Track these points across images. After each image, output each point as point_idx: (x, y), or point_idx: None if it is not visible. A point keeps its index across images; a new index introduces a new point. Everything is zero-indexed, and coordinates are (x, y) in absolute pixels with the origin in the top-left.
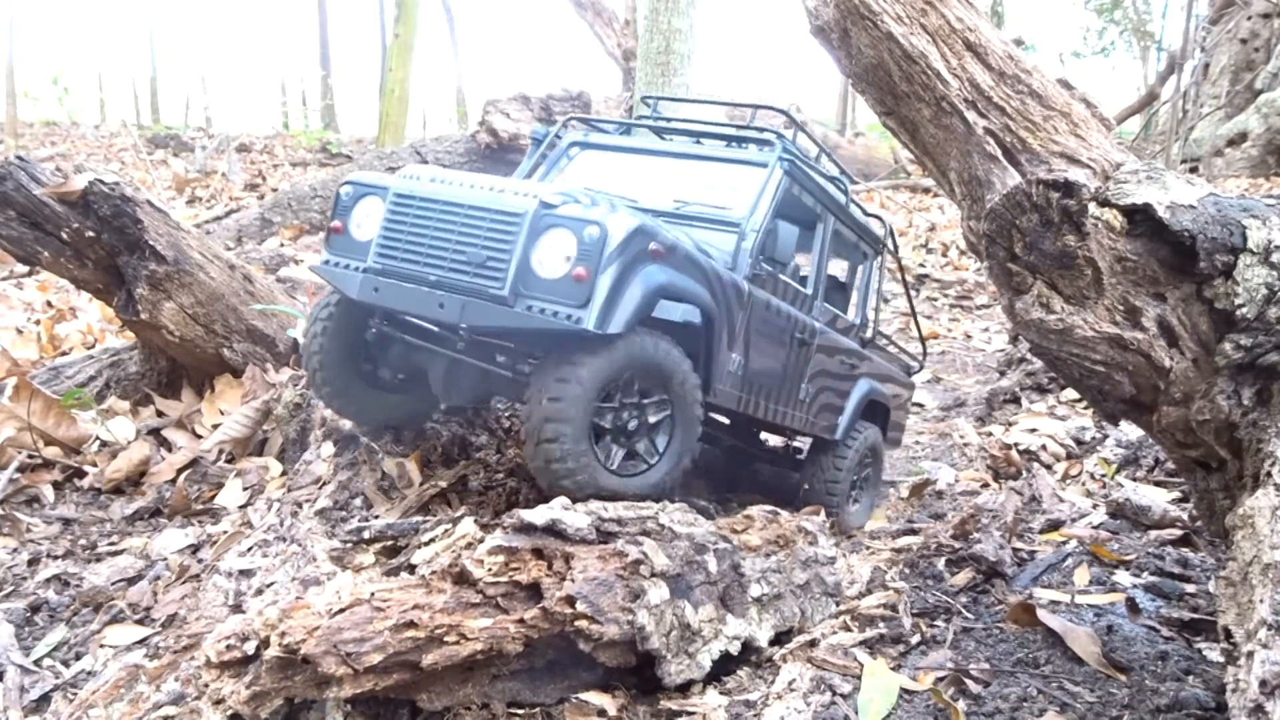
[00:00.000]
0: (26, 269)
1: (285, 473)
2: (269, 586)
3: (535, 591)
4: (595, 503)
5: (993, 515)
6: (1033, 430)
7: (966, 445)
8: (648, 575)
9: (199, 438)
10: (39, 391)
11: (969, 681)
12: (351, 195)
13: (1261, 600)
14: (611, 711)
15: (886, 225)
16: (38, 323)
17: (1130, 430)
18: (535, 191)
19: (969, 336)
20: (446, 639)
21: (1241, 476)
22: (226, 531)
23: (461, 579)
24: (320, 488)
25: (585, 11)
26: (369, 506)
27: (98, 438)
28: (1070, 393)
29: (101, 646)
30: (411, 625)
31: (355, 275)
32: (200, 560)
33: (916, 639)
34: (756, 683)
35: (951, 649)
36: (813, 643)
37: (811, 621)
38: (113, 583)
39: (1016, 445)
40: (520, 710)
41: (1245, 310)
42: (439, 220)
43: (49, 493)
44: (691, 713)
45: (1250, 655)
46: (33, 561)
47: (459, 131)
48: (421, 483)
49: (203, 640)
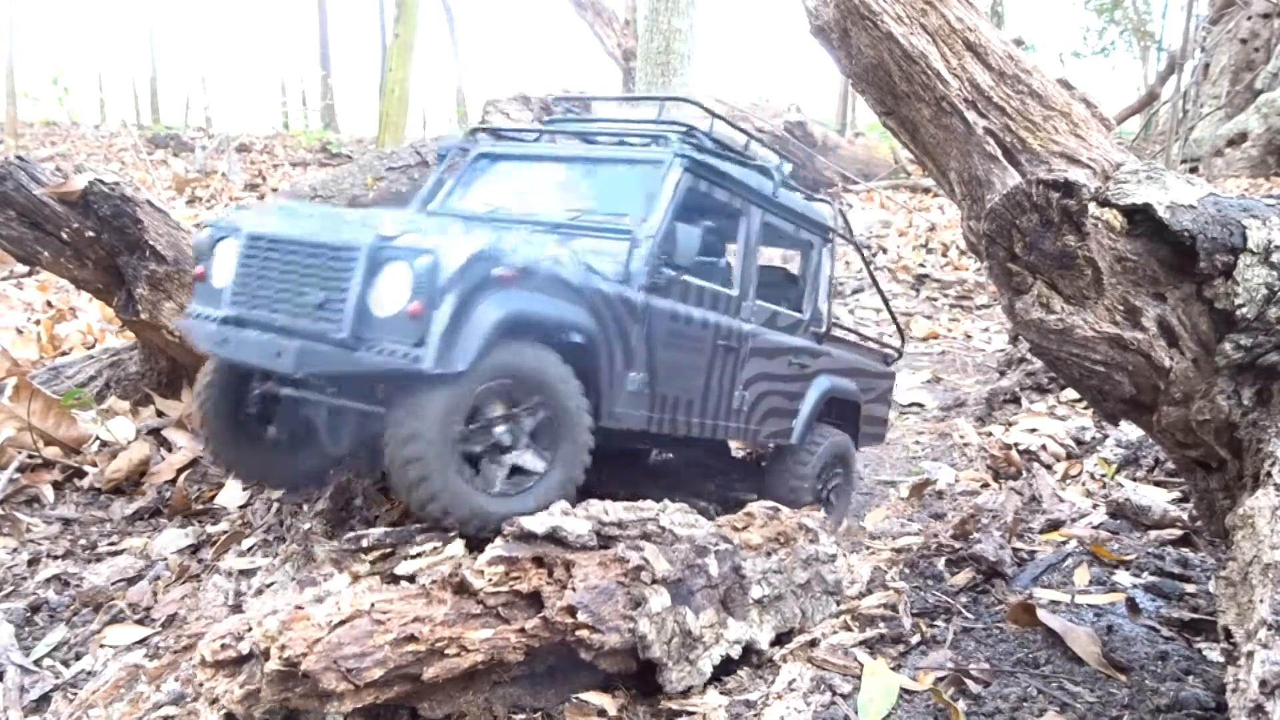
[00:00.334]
0: (26, 269)
1: None
2: (269, 586)
3: (536, 600)
4: (595, 506)
5: (993, 515)
6: (1033, 430)
7: (966, 445)
8: (649, 582)
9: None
10: (39, 391)
11: (969, 681)
12: (210, 239)
13: (1261, 600)
14: (611, 711)
15: (835, 209)
16: (38, 323)
17: (1130, 430)
18: (377, 223)
19: (969, 336)
20: (447, 651)
21: (1241, 476)
22: (226, 531)
23: (462, 589)
24: (320, 488)
25: (585, 11)
26: (369, 507)
27: (98, 438)
28: (1070, 393)
29: (101, 646)
30: (412, 639)
31: (207, 327)
32: (200, 560)
33: (916, 639)
34: (756, 683)
35: (951, 649)
36: (813, 643)
37: (812, 621)
38: (113, 583)
39: (1016, 445)
40: (521, 713)
41: (1245, 310)
42: (284, 260)
43: (49, 493)
44: (691, 713)
45: (1250, 655)
46: (33, 561)
47: (459, 131)
48: None
49: (200, 659)
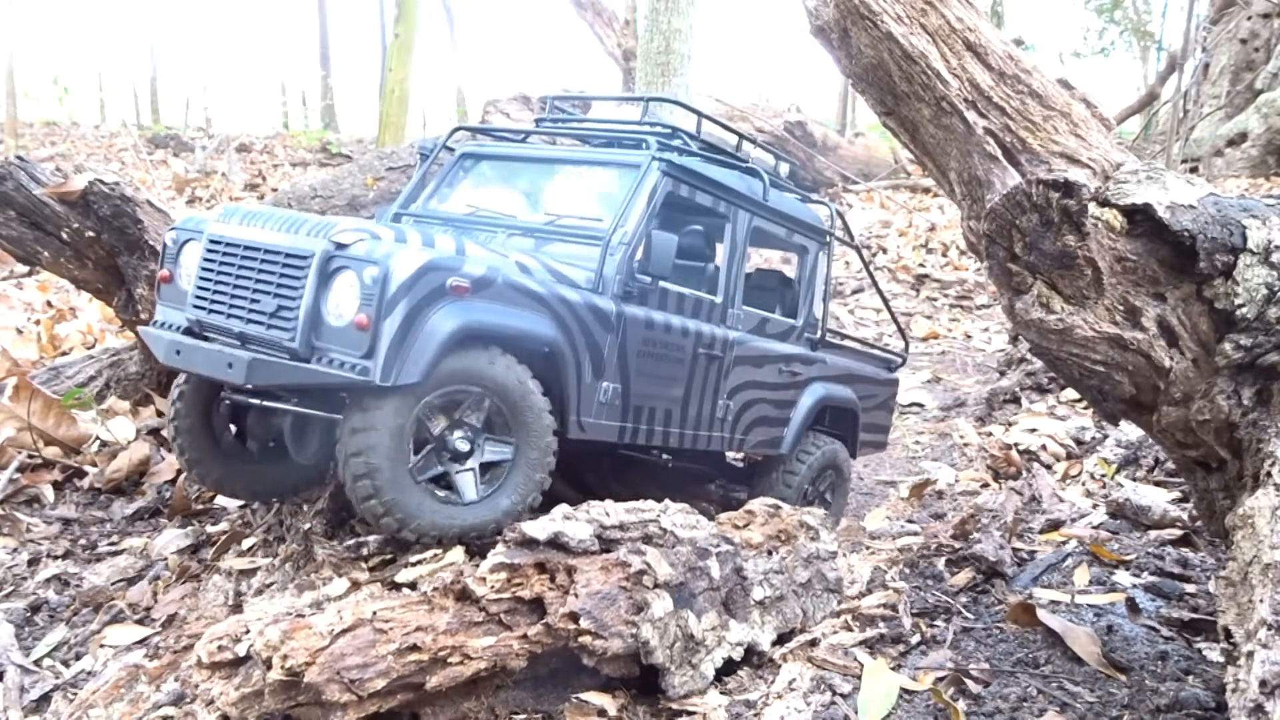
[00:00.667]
0: (26, 269)
1: None
2: (269, 587)
3: (538, 606)
4: (597, 508)
5: (993, 515)
6: (1033, 430)
7: (966, 445)
8: (651, 586)
9: None
10: (39, 391)
11: (969, 681)
12: (176, 241)
13: (1261, 600)
14: (611, 711)
15: (832, 211)
16: (38, 323)
17: (1130, 430)
18: (334, 229)
19: (969, 336)
20: (450, 660)
21: (1241, 476)
22: (226, 531)
23: (464, 596)
24: (320, 488)
25: (585, 11)
26: None
27: (98, 438)
28: (1070, 393)
29: (101, 646)
30: (415, 649)
31: (163, 336)
32: (200, 560)
33: (916, 639)
34: (756, 683)
35: (951, 649)
36: (813, 642)
37: (813, 620)
38: (113, 583)
39: (1016, 445)
40: (521, 714)
41: (1245, 310)
42: (240, 265)
43: (49, 493)
44: (692, 713)
45: (1250, 655)
46: (33, 561)
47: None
48: None
49: (197, 660)
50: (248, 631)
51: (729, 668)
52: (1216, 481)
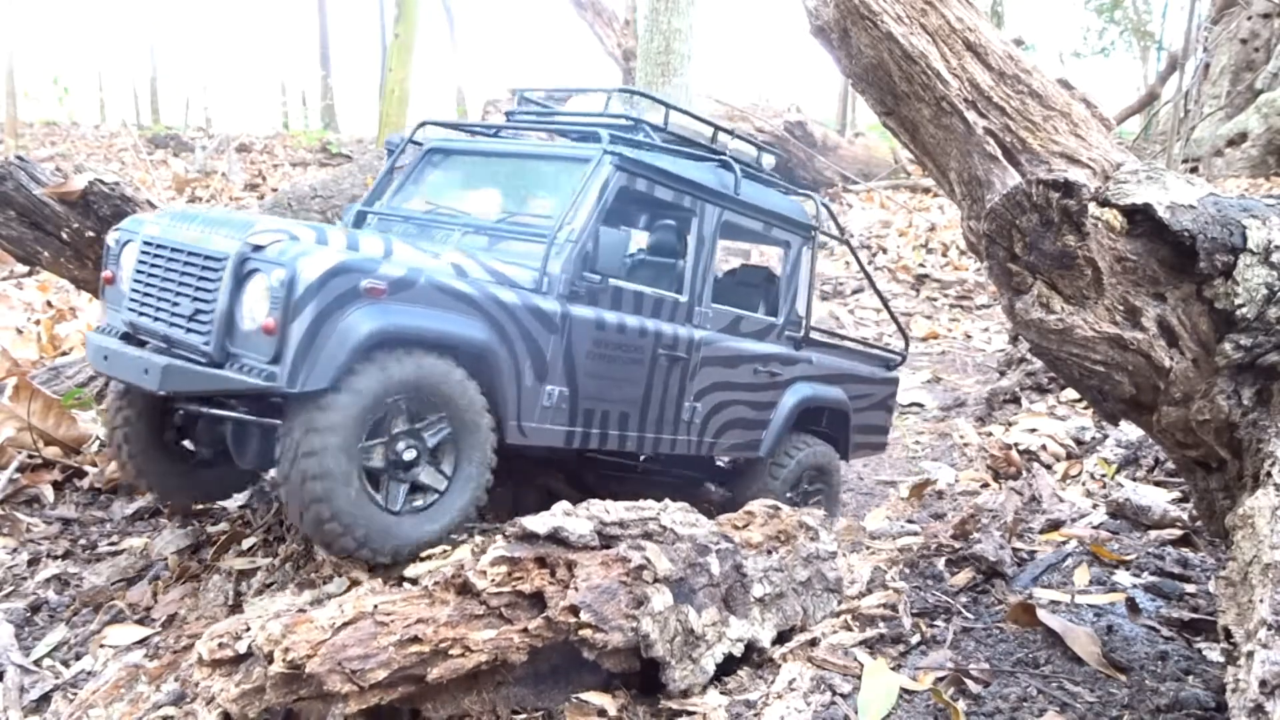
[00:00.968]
0: (26, 269)
1: None
2: (269, 586)
3: (539, 600)
4: (596, 506)
5: (993, 515)
6: (1033, 430)
7: (966, 445)
8: (651, 581)
9: None
10: (39, 391)
11: (969, 681)
12: (118, 242)
13: (1261, 600)
14: (612, 711)
15: (819, 204)
16: (38, 323)
17: (1130, 430)
18: (252, 230)
19: (969, 336)
20: (451, 652)
21: (1241, 476)
22: (226, 531)
23: (465, 590)
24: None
25: (585, 11)
26: None
27: (97, 438)
28: (1070, 393)
29: (101, 646)
30: (415, 640)
31: (96, 341)
32: (200, 560)
33: (916, 639)
34: (757, 683)
35: (951, 649)
36: (813, 642)
37: (813, 619)
38: (113, 583)
39: (1016, 445)
40: (522, 713)
41: (1245, 310)
42: (167, 267)
43: (49, 493)
44: (692, 712)
45: (1250, 655)
46: (33, 561)
47: None
48: None
49: (197, 658)
50: (248, 629)
51: (729, 667)
52: (1216, 481)
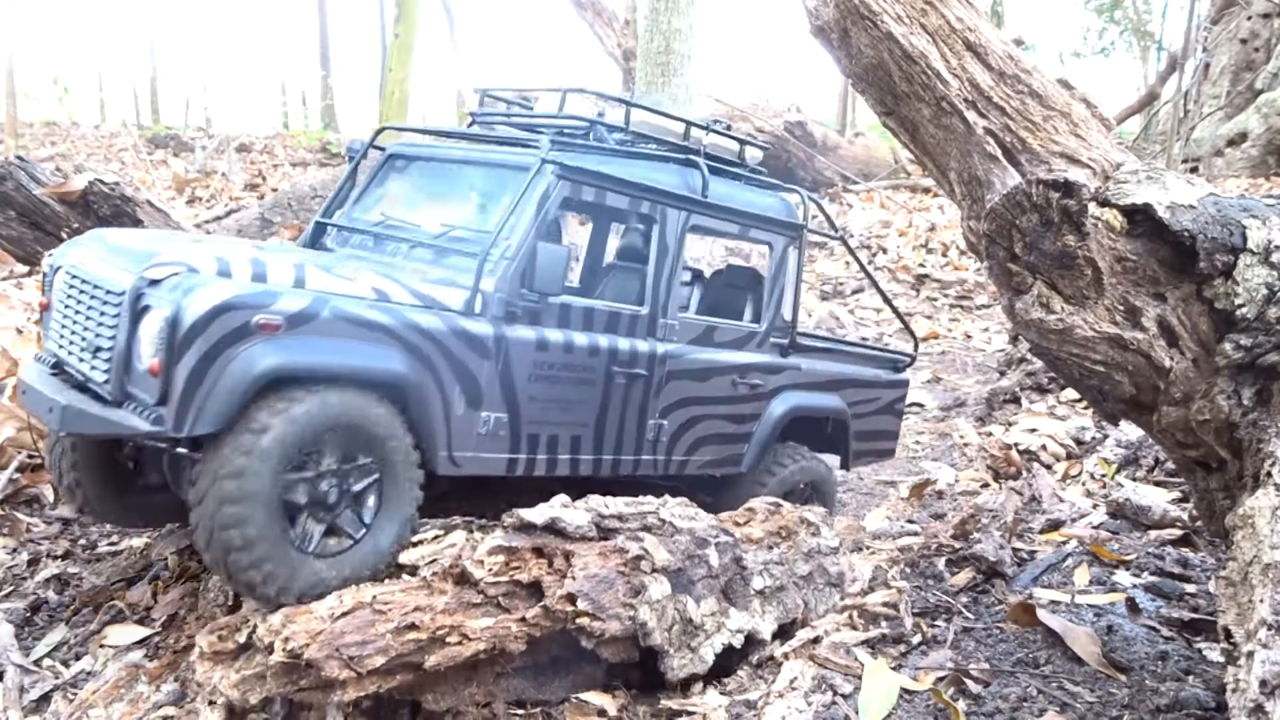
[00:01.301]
0: (26, 269)
1: None
2: None
3: (536, 590)
4: (595, 500)
5: (993, 515)
6: (1033, 430)
7: (966, 445)
8: (649, 571)
9: None
10: None
11: (969, 681)
12: (52, 268)
13: (1261, 600)
14: (612, 711)
15: (806, 200)
16: (38, 322)
17: (1130, 430)
18: (150, 263)
19: (969, 336)
20: (448, 640)
21: (1241, 476)
22: None
23: (462, 579)
24: None
25: (585, 11)
26: None
27: None
28: (1070, 393)
29: (101, 646)
30: (413, 627)
31: (22, 373)
32: (200, 560)
33: (917, 639)
34: (757, 682)
35: (952, 649)
36: (814, 641)
37: (815, 613)
38: (112, 583)
39: (1016, 445)
40: (521, 710)
41: (1245, 310)
42: (78, 298)
43: (49, 493)
44: (692, 712)
45: (1250, 655)
46: (33, 561)
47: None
48: None
49: (197, 654)
50: (248, 621)
51: (729, 663)
52: (1216, 481)
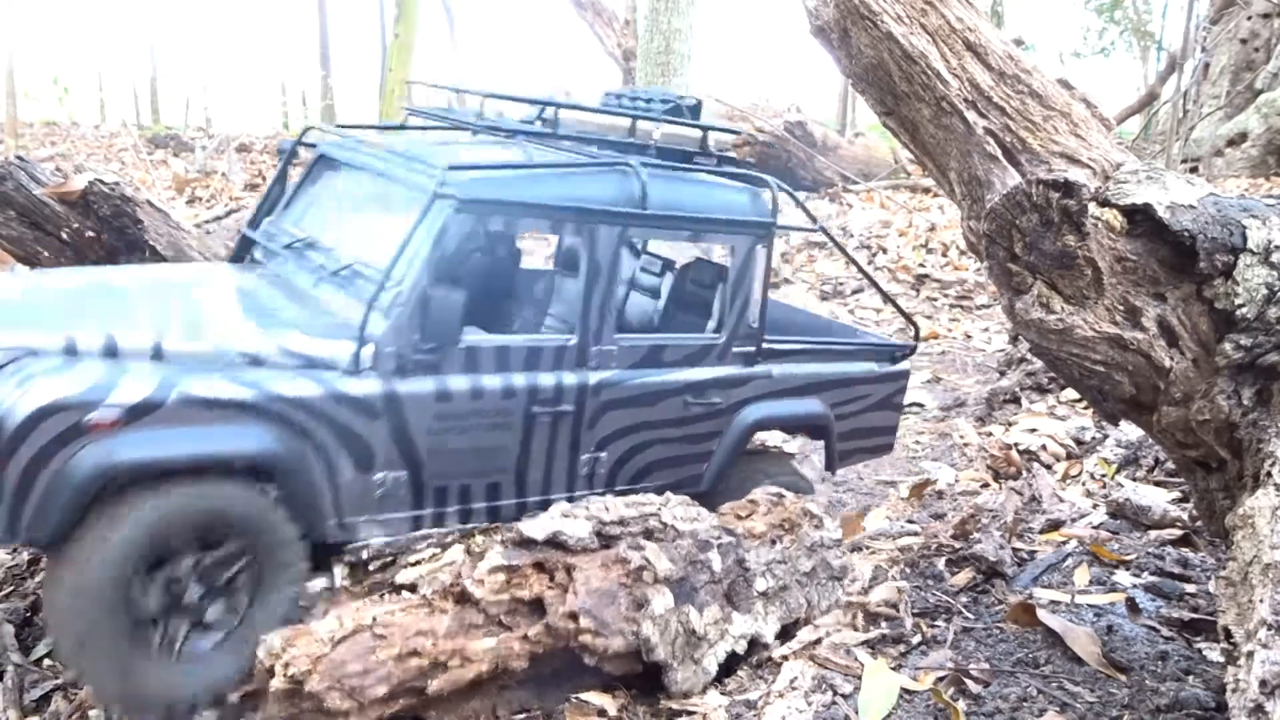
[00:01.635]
0: (26, 269)
1: None
2: None
3: (538, 607)
4: (595, 505)
5: (993, 515)
6: (1033, 430)
7: (966, 445)
8: (651, 582)
9: None
10: None
11: (969, 681)
12: None
13: (1261, 600)
14: (611, 712)
15: (775, 190)
16: None
17: (1130, 430)
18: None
19: (969, 336)
20: (451, 664)
21: (1241, 476)
22: None
23: (463, 599)
24: None
25: (585, 11)
26: None
27: None
28: (1070, 393)
29: None
30: (415, 654)
31: None
32: None
33: (917, 639)
34: (757, 682)
35: (952, 649)
36: (815, 642)
37: (818, 609)
38: None
39: (1016, 445)
40: (523, 714)
41: (1245, 310)
42: None
43: None
44: (692, 712)
45: (1250, 655)
46: (33, 561)
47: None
48: None
49: None
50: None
51: (731, 666)
52: (1216, 481)
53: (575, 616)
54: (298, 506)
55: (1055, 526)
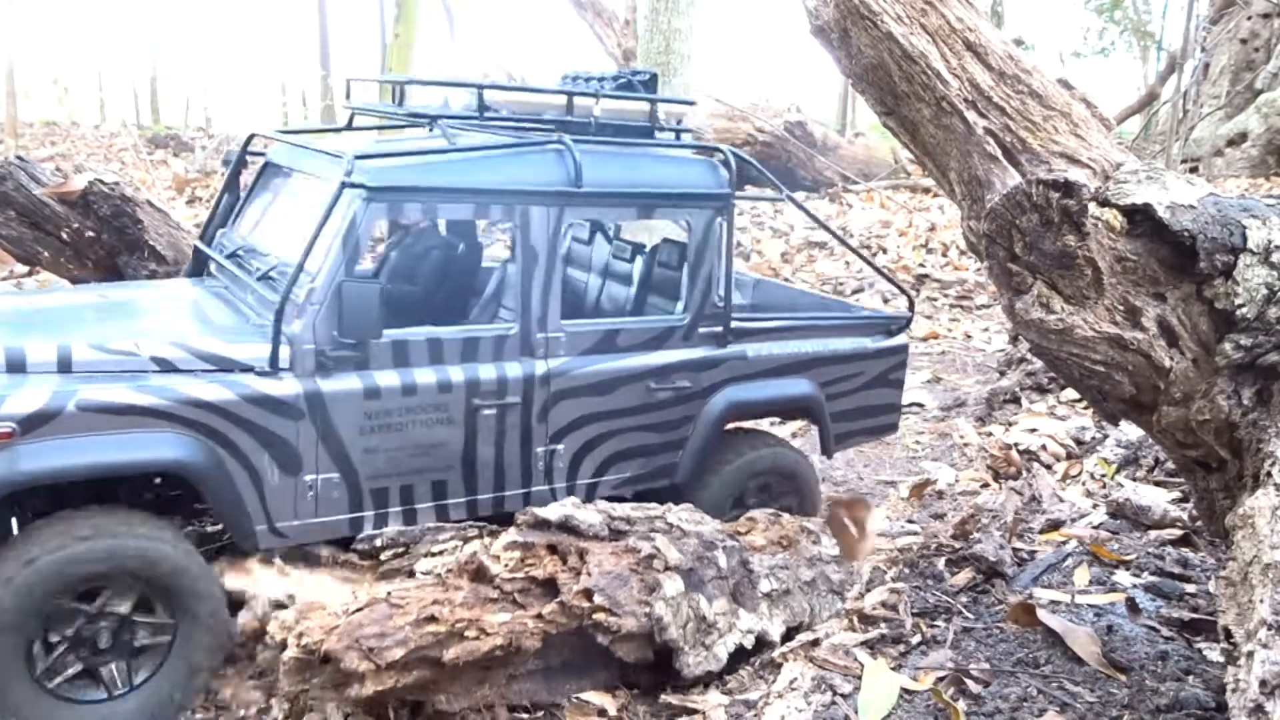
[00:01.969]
0: (26, 269)
1: None
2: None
3: (551, 588)
4: (603, 504)
5: (993, 515)
6: (1033, 430)
7: (966, 445)
8: (662, 569)
9: None
10: None
11: (969, 681)
12: None
13: (1261, 600)
14: (612, 710)
15: (730, 158)
16: None
17: (1130, 430)
18: None
19: (969, 336)
20: (467, 634)
21: (1241, 476)
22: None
23: (479, 575)
24: None
25: (585, 11)
26: None
27: None
28: (1070, 393)
29: None
30: (432, 619)
31: None
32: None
33: (917, 639)
34: (757, 682)
35: (952, 649)
36: (814, 642)
37: (820, 618)
38: None
39: (1016, 445)
40: (524, 714)
41: (1245, 310)
42: None
43: None
44: (692, 711)
45: (1250, 655)
46: None
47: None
48: None
49: None
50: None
51: (732, 665)
52: (1216, 481)
53: (589, 594)
54: (227, 513)
55: (1055, 526)
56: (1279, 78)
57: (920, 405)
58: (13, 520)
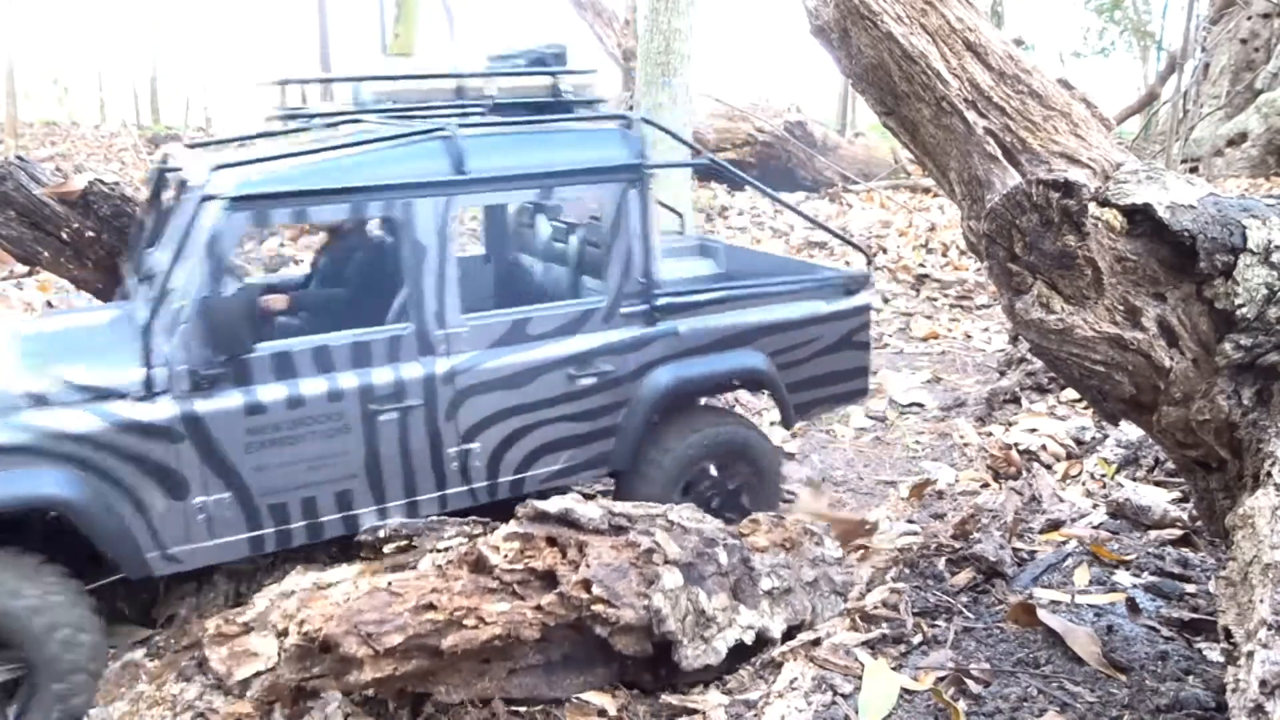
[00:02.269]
0: (26, 269)
1: None
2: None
3: (551, 579)
4: (604, 501)
5: (993, 515)
6: (1033, 430)
7: (966, 445)
8: (661, 562)
9: None
10: None
11: (969, 681)
12: None
13: (1261, 600)
14: (611, 710)
15: (637, 124)
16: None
17: (1130, 430)
18: None
19: (969, 336)
20: (465, 622)
21: (1241, 476)
22: None
23: (478, 566)
24: None
25: (585, 11)
26: None
27: None
28: (1070, 393)
29: None
30: (431, 607)
31: None
32: None
33: (917, 639)
34: (757, 682)
35: (952, 649)
36: (815, 642)
37: (821, 618)
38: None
39: (1016, 445)
40: (521, 710)
41: (1245, 310)
42: None
43: None
44: (692, 711)
45: (1250, 655)
46: None
47: None
48: None
49: (203, 638)
50: (253, 605)
51: (732, 664)
52: (1216, 481)
53: (588, 585)
54: (110, 543)
55: (1055, 526)
56: (1279, 78)
57: (920, 405)
58: None
